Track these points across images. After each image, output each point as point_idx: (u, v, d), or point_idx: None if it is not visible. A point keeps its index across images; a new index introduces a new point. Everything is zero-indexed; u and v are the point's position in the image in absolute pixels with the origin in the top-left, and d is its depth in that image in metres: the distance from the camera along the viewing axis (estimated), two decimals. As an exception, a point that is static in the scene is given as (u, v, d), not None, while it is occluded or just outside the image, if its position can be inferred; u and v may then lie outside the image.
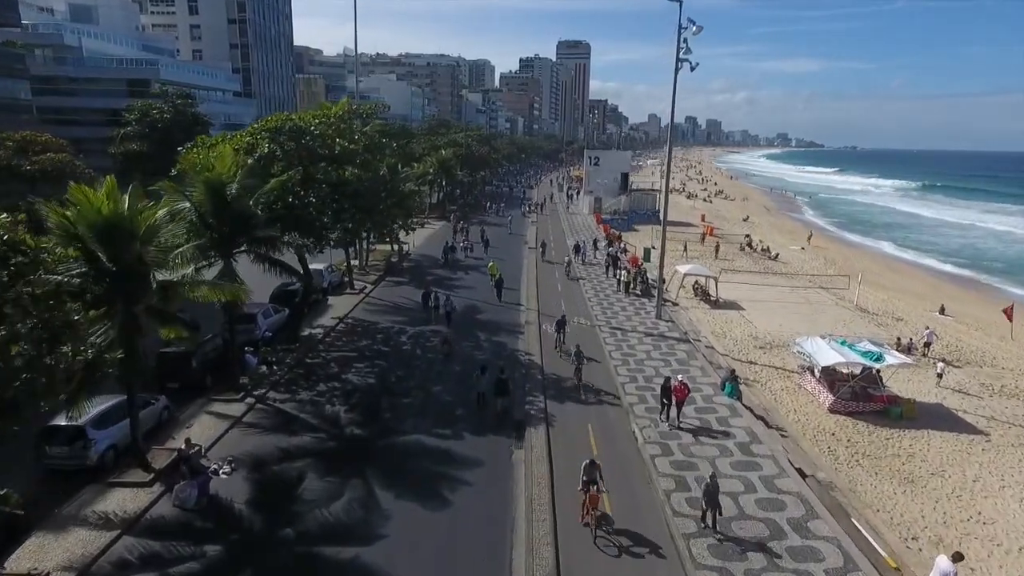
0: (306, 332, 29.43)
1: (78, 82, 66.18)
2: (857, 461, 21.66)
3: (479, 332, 31.13)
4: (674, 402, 21.15)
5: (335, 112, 26.33)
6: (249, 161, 21.99)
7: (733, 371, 24.75)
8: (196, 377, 22.33)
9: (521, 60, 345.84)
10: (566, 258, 48.33)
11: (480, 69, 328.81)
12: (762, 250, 64.16)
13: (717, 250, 60.09)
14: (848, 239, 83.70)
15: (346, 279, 38.35)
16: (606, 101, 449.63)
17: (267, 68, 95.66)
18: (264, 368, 24.37)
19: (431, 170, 73.51)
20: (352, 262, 40.20)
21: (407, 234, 43.46)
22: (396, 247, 47.38)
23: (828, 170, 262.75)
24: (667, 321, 34.01)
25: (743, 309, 40.39)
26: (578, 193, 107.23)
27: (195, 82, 73.09)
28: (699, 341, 32.04)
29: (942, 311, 43.34)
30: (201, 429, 19.84)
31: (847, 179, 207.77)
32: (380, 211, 25.78)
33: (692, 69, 31.01)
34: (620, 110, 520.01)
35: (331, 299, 35.80)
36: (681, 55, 30.90)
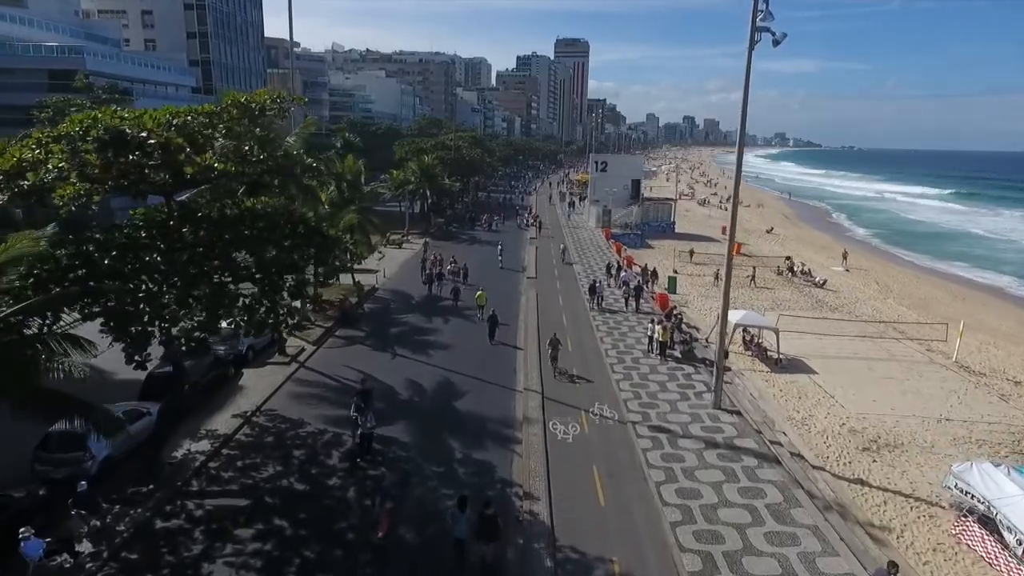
0: (182, 450, 18.84)
1: (-11, 74, 55.49)
2: None
3: (451, 439, 20.51)
4: None
5: (208, 108, 15.81)
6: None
7: (892, 566, 14.17)
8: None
9: (518, 58, 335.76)
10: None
11: (476, 67, 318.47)
12: (802, 272, 53.75)
13: (754, 277, 49.48)
14: (891, 255, 73.15)
15: (276, 337, 27.81)
16: (604, 100, 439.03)
17: (231, 61, 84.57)
18: (65, 558, 13.81)
19: (413, 178, 63.13)
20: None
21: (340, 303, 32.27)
22: (355, 282, 36.87)
23: (834, 172, 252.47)
24: (731, 412, 23.46)
25: (814, 372, 29.96)
26: (579, 200, 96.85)
27: (136, 75, 62.46)
28: (778, 444, 21.61)
29: (1064, 368, 32.97)
30: None
31: (871, 186, 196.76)
32: (274, 277, 15.06)
33: (776, 42, 20.55)
34: (618, 109, 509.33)
35: (248, 372, 25.24)
36: (759, 22, 20.48)
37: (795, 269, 53.76)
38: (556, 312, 36.62)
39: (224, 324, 14.53)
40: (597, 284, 37.35)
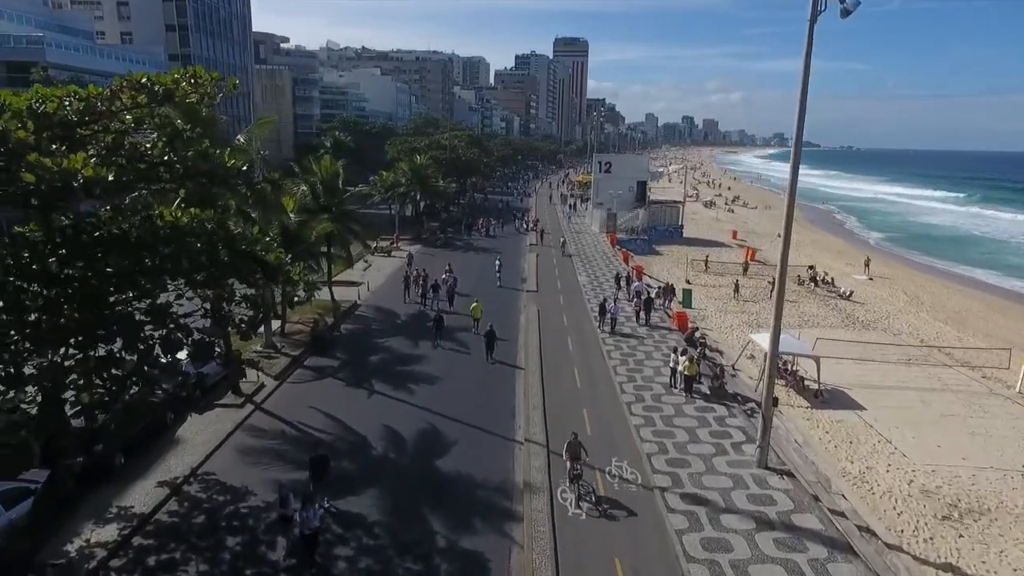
0: (78, 541, 14.43)
1: (-63, 67, 51.11)
2: None
3: (433, 517, 16.04)
4: None
5: (94, 90, 11.45)
6: None
7: None
8: None
9: (517, 57, 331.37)
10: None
11: (475, 66, 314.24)
12: (823, 282, 49.48)
13: (773, 288, 44.97)
14: (912, 261, 68.69)
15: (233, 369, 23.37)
16: (603, 100, 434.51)
17: (214, 56, 79.86)
18: None
19: (403, 179, 58.72)
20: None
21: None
22: (333, 300, 32.46)
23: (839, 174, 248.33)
24: (780, 473, 19.05)
25: (862, 408, 25.70)
26: (581, 201, 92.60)
27: (105, 69, 57.89)
28: (841, 515, 17.27)
29: None
30: None
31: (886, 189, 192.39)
32: (172, 330, 10.68)
33: (847, 12, 16.19)
34: (617, 109, 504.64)
35: (191, 418, 20.82)
36: (823, -14, 16.13)
37: (818, 279, 49.49)
38: (561, 332, 32.19)
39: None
40: (608, 304, 32.60)
